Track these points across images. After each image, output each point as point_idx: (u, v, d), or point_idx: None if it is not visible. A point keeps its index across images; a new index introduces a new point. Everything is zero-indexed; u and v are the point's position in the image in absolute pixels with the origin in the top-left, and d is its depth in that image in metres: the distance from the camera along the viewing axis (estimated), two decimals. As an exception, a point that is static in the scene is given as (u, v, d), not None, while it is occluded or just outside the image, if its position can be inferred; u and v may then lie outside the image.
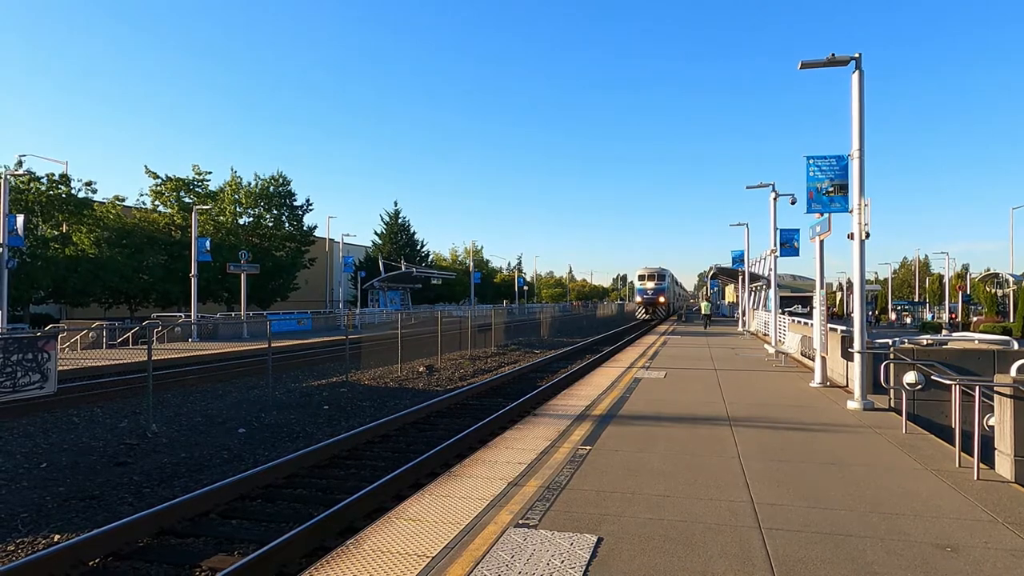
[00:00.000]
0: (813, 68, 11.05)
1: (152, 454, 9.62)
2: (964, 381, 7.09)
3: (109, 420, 11.99)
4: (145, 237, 39.81)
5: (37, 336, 12.15)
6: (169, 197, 43.09)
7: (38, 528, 6.60)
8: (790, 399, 11.30)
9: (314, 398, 14.71)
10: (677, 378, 14.11)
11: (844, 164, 11.15)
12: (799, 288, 69.89)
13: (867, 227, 10.43)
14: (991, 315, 50.33)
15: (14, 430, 10.97)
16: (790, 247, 23.69)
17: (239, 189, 47.44)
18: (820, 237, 12.39)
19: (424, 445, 9.77)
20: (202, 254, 31.52)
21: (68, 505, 7.32)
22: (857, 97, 10.54)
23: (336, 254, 56.17)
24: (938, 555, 4.44)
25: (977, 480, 6.29)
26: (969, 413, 6.69)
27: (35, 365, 11.54)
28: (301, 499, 7.43)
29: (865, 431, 8.64)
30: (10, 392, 11.18)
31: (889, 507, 5.46)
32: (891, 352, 10.49)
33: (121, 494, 7.73)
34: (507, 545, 4.59)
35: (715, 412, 9.98)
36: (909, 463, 6.99)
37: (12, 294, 27.78)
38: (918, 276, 78.93)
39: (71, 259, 35.63)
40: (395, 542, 4.66)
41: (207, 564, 5.54)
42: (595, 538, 4.70)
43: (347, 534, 5.73)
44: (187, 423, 11.79)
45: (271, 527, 6.47)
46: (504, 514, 5.26)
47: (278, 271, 47.68)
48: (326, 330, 35.59)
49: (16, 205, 30.59)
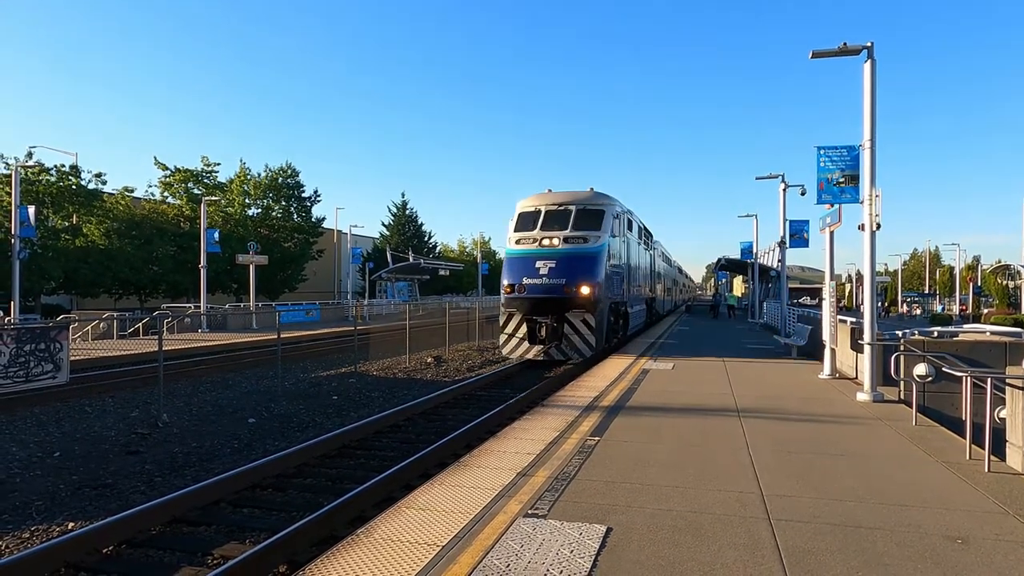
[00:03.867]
0: (824, 57, 10.95)
1: (163, 443, 9.71)
2: (975, 373, 7.05)
3: (120, 410, 12.10)
4: (154, 228, 39.99)
5: (49, 326, 12.28)
6: (178, 188, 43.26)
7: (52, 516, 6.68)
8: (799, 390, 11.26)
9: (323, 388, 14.79)
10: (685, 369, 14.08)
11: (855, 154, 11.06)
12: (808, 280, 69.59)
13: (878, 218, 10.35)
14: (1002, 307, 49.99)
15: (28, 419, 11.08)
16: (800, 238, 23.61)
17: (248, 180, 47.62)
18: (830, 228, 12.31)
19: (433, 435, 9.81)
20: (211, 245, 31.65)
21: (81, 493, 7.40)
22: (869, 87, 10.44)
23: (344, 245, 56.22)
24: (948, 547, 4.43)
25: (988, 472, 6.25)
26: (980, 405, 6.65)
27: (48, 355, 11.67)
28: (311, 488, 7.48)
29: (875, 423, 8.61)
30: (23, 382, 11.33)
31: (899, 499, 5.45)
32: (901, 344, 10.43)
33: (133, 483, 7.81)
34: (516, 535, 4.61)
35: (724, 403, 9.95)
36: (919, 455, 6.96)
37: (24, 285, 27.99)
38: (928, 268, 78.40)
39: (82, 250, 35.88)
40: (405, 531, 4.69)
41: (219, 552, 5.59)
42: (604, 528, 4.71)
43: (357, 523, 5.77)
44: (197, 413, 11.88)
45: (282, 516, 6.53)
46: (513, 504, 5.28)
47: (286, 262, 47.83)
48: (334, 321, 35.72)
49: (27, 196, 30.76)
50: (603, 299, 16.27)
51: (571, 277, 15.93)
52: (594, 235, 16.54)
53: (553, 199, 17.54)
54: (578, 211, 17.00)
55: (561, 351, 16.29)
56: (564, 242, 16.46)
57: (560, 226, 16.74)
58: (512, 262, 16.84)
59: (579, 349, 16.07)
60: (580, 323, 15.97)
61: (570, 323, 16.01)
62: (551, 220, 17.00)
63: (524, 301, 16.29)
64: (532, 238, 16.72)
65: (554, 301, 16.05)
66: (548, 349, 16.35)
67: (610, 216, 17.33)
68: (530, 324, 16.49)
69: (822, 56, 10.95)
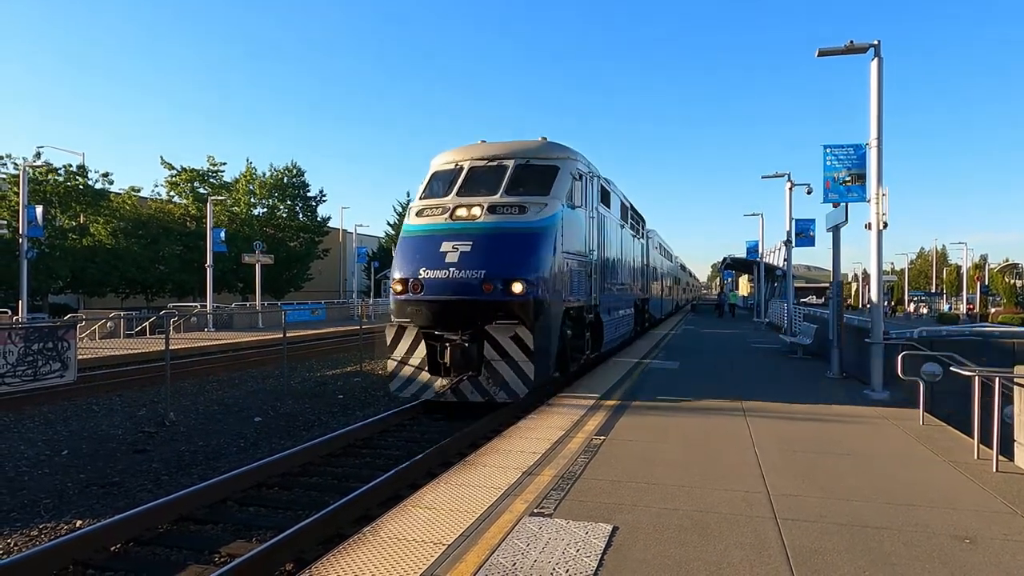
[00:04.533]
0: (831, 56, 10.92)
1: (170, 442, 9.75)
2: (983, 372, 7.01)
3: (128, 408, 12.16)
4: (161, 228, 40.17)
5: (57, 325, 12.37)
6: (184, 188, 43.43)
7: (60, 514, 6.72)
8: (805, 389, 11.22)
9: (329, 387, 14.83)
10: (689, 369, 14.06)
11: (862, 153, 11.03)
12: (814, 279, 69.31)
13: (885, 217, 10.33)
14: (1010, 306, 49.75)
15: (36, 418, 11.15)
16: (806, 237, 23.54)
17: (253, 180, 47.75)
18: (837, 227, 12.27)
19: (438, 434, 9.82)
20: (217, 245, 31.75)
21: (89, 491, 7.45)
22: (876, 85, 10.40)
23: (349, 245, 56.35)
24: (956, 547, 4.41)
25: (996, 472, 6.23)
26: (988, 404, 6.62)
27: (55, 354, 11.75)
28: (317, 487, 7.50)
29: (882, 422, 8.59)
30: (32, 380, 11.41)
31: (906, 498, 5.43)
32: (908, 343, 10.39)
33: (140, 481, 7.85)
34: (522, 533, 4.61)
35: (729, 402, 9.93)
36: (926, 454, 6.94)
37: (32, 284, 28.17)
38: (935, 267, 78.05)
39: (89, 249, 36.07)
40: (411, 530, 4.70)
41: (226, 550, 5.61)
42: (610, 527, 4.71)
43: (363, 521, 5.78)
44: (204, 412, 11.93)
45: (288, 514, 6.54)
46: (519, 503, 5.28)
47: (292, 261, 47.96)
48: (340, 320, 35.78)
49: (35, 196, 30.95)
50: (551, 302, 10.46)
51: (496, 267, 10.02)
52: (538, 202, 10.59)
53: (483, 151, 11.67)
54: (518, 168, 11.13)
55: (480, 387, 10.34)
56: (489, 213, 10.50)
57: (489, 190, 10.88)
58: (407, 245, 10.82)
59: (508, 384, 10.17)
60: (510, 342, 10.07)
61: (494, 342, 10.15)
62: (476, 182, 11.19)
63: (421, 306, 10.37)
64: (442, 207, 10.84)
65: (469, 306, 10.08)
66: (457, 384, 10.33)
67: (567, 176, 11.38)
68: (431, 343, 10.60)
69: (829, 54, 10.92)
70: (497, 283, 9.98)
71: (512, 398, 10.31)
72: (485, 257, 10.11)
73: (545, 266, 10.35)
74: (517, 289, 9.98)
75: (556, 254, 10.70)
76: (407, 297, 10.50)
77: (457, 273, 10.09)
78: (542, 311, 10.27)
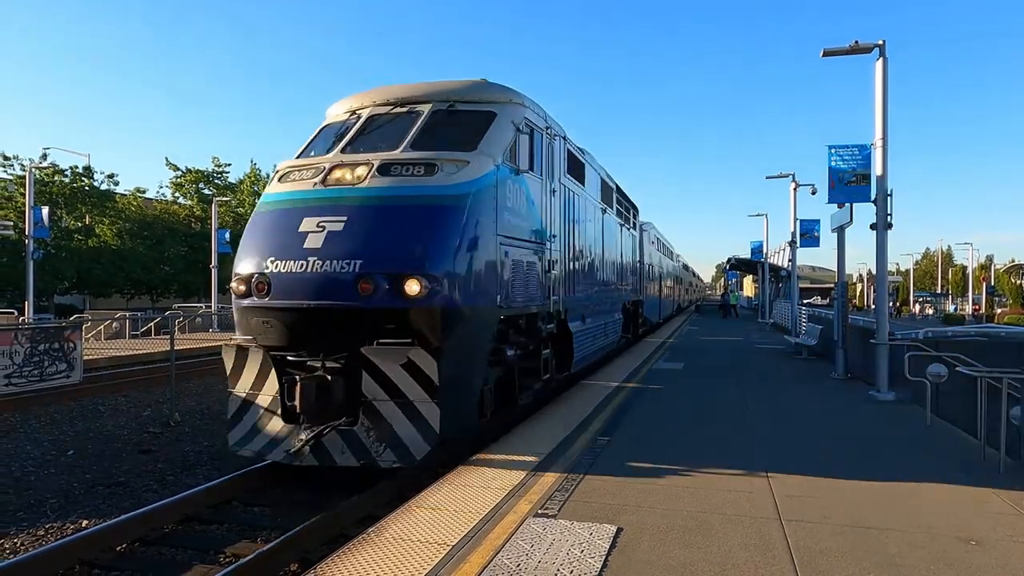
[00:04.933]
0: (836, 56, 10.89)
1: (175, 442, 9.78)
2: (989, 373, 6.98)
3: (133, 409, 12.20)
4: (166, 229, 40.39)
5: (63, 326, 12.43)
6: (189, 189, 43.63)
7: (66, 514, 6.74)
8: (811, 390, 11.19)
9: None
10: (694, 369, 14.03)
11: (867, 153, 11.00)
12: (818, 280, 69.22)
13: (890, 217, 10.30)
14: (1016, 306, 49.56)
15: (42, 418, 11.19)
16: (810, 237, 23.47)
17: (258, 180, 47.86)
18: (842, 227, 12.25)
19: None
20: (222, 245, 31.88)
21: (94, 491, 7.47)
22: (881, 85, 10.37)
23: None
24: (962, 548, 4.40)
25: (1002, 474, 6.20)
26: (994, 406, 6.59)
27: (61, 354, 11.80)
28: (322, 487, 7.51)
29: (887, 423, 8.56)
30: (38, 381, 11.46)
31: (911, 499, 5.41)
32: (914, 343, 10.35)
33: (146, 481, 7.88)
34: (526, 534, 4.61)
35: (732, 403, 9.91)
36: (932, 455, 6.91)
37: (38, 285, 28.30)
38: (941, 267, 77.78)
39: (94, 250, 36.26)
40: (416, 530, 4.70)
41: (231, 550, 5.63)
42: (615, 528, 4.71)
43: (368, 522, 5.79)
44: (209, 412, 11.95)
45: (292, 515, 6.55)
46: (523, 504, 5.28)
47: (296, 262, 48.00)
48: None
49: (41, 197, 31.10)
50: (473, 309, 7.04)
51: (380, 256, 6.57)
52: (457, 159, 7.16)
53: (392, 93, 8.31)
54: (436, 114, 7.84)
55: (356, 444, 6.64)
56: (380, 175, 7.03)
57: (390, 145, 7.49)
58: (256, 225, 7.43)
59: (398, 439, 6.53)
60: (402, 372, 6.48)
61: (376, 372, 6.56)
62: (375, 135, 7.91)
63: (269, 316, 6.92)
64: (315, 168, 7.41)
65: (337, 316, 6.59)
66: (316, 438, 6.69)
67: (507, 126, 7.98)
68: (283, 373, 7.07)
69: (834, 54, 10.88)
70: (381, 281, 6.42)
71: (405, 462, 6.50)
72: (364, 240, 6.62)
73: (462, 254, 6.85)
74: (413, 290, 6.41)
75: (485, 236, 7.23)
76: (251, 302, 7.00)
77: (320, 265, 6.54)
78: (457, 323, 6.78)
